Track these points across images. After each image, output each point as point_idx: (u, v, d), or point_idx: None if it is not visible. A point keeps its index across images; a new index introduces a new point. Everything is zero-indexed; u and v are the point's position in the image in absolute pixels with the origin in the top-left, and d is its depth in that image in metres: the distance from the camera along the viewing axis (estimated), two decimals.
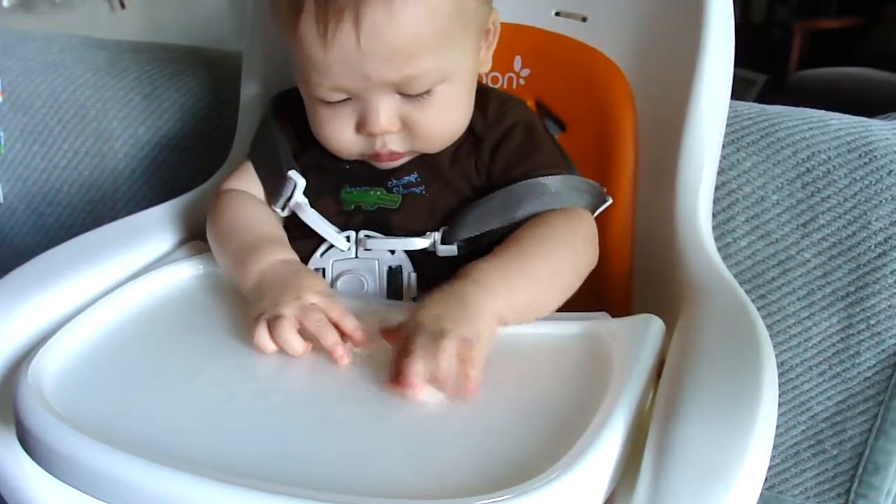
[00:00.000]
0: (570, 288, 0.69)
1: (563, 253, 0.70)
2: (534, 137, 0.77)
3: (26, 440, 0.55)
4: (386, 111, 0.70)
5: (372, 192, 0.75)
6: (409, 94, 0.70)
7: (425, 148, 0.74)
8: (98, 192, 1.17)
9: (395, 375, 0.58)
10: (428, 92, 0.70)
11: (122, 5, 2.32)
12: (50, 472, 0.54)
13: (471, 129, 0.76)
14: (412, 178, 0.75)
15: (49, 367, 0.60)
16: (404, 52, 0.67)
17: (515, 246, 0.69)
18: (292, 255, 0.72)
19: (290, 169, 0.76)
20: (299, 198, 0.75)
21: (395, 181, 0.75)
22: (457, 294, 0.63)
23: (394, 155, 0.74)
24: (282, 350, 0.63)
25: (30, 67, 1.20)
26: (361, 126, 0.71)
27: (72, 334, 0.64)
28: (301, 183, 0.75)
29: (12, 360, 0.66)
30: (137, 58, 1.18)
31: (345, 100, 0.71)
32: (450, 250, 0.71)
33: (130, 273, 0.75)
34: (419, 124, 0.71)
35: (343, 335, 0.63)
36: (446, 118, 0.73)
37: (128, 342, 0.65)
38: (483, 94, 0.77)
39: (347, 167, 0.76)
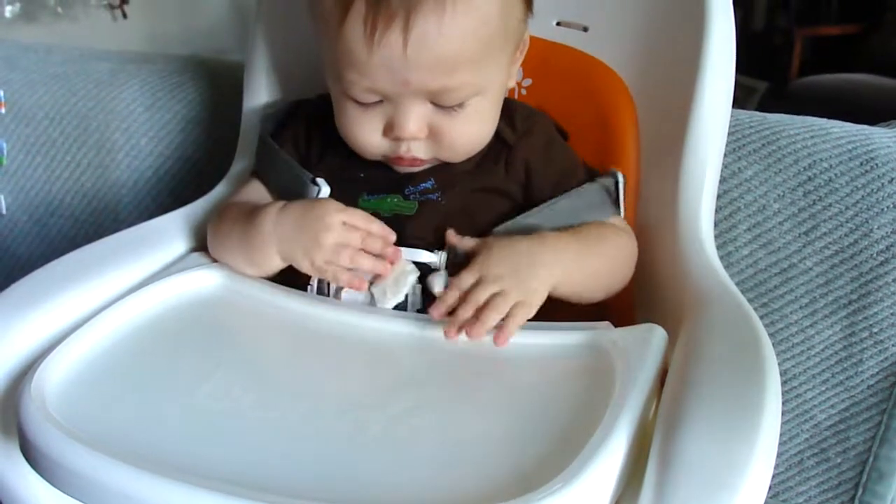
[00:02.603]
0: (612, 290, 0.75)
1: (618, 257, 0.75)
2: (575, 158, 0.79)
3: (30, 452, 0.55)
4: (417, 118, 0.70)
5: (388, 199, 0.75)
6: (442, 104, 0.70)
7: (448, 157, 0.74)
8: (100, 204, 1.17)
9: (442, 310, 0.65)
10: (461, 104, 0.70)
11: (125, 15, 2.33)
12: (54, 485, 0.54)
13: (499, 137, 0.77)
14: (428, 184, 0.75)
15: (52, 378, 0.60)
16: (448, 64, 0.67)
17: (584, 233, 0.73)
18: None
19: (315, 176, 0.76)
20: None
21: (411, 188, 0.75)
22: (525, 250, 0.68)
23: (416, 161, 0.74)
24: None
25: (32, 79, 1.20)
26: (389, 129, 0.72)
27: (75, 346, 0.64)
28: (325, 190, 0.75)
29: (16, 372, 0.65)
30: (139, 69, 1.18)
31: (376, 101, 0.71)
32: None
33: (134, 284, 0.75)
34: (447, 134, 0.72)
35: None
36: (474, 130, 0.73)
37: (131, 353, 0.65)
38: (507, 105, 0.77)
39: (363, 175, 0.77)
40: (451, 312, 0.66)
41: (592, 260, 0.72)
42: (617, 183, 0.77)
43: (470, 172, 0.76)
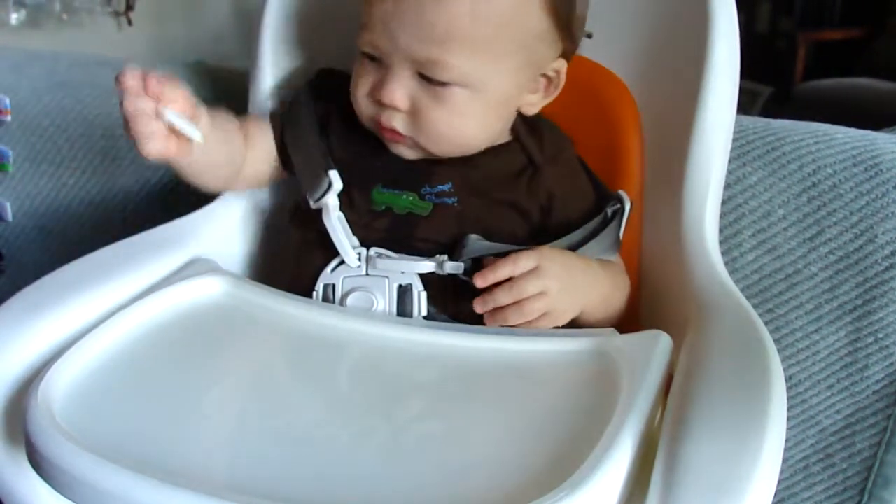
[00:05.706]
0: (609, 321, 0.75)
1: (622, 298, 0.77)
2: (592, 190, 0.79)
3: (37, 460, 0.55)
4: (401, 86, 0.72)
5: (404, 197, 0.75)
6: (427, 76, 0.71)
7: (426, 143, 0.74)
8: (106, 210, 1.17)
9: (485, 275, 0.69)
10: (445, 85, 0.71)
11: (129, 22, 2.33)
12: (61, 493, 0.54)
13: (527, 154, 0.77)
14: (446, 187, 0.75)
15: (59, 386, 0.60)
16: (435, 33, 0.69)
17: (609, 271, 0.76)
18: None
19: (330, 168, 0.76)
20: (331, 199, 0.75)
21: (428, 188, 0.75)
22: (581, 268, 0.72)
23: (395, 134, 0.74)
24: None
25: (38, 86, 1.20)
26: (376, 90, 0.73)
27: (82, 353, 0.64)
28: (337, 185, 0.75)
29: (22, 380, 0.65)
30: None
31: (375, 60, 0.73)
32: (456, 267, 0.71)
33: (139, 291, 0.75)
34: (427, 116, 0.72)
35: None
36: (455, 123, 0.73)
37: (138, 361, 0.65)
38: (537, 124, 0.79)
39: (379, 164, 0.77)
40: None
41: (613, 299, 0.75)
42: (623, 213, 0.77)
43: (491, 181, 0.76)
